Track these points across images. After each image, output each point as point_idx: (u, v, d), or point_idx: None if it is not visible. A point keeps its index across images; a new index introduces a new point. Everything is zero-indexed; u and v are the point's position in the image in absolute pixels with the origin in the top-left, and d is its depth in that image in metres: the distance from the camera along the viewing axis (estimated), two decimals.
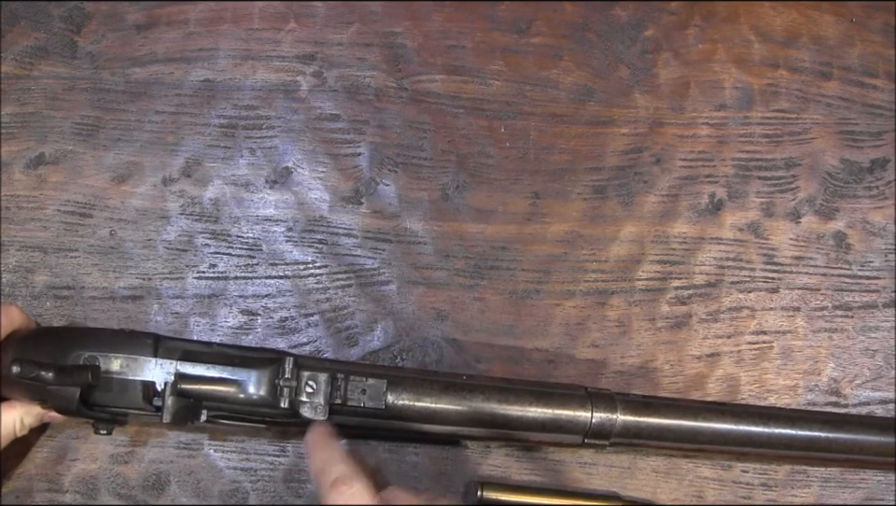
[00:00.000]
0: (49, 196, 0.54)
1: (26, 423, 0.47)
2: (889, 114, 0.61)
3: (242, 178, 0.56)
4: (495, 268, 0.56)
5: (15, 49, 0.56)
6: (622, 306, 0.56)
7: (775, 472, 0.55)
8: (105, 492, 0.51)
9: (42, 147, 0.55)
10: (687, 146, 0.59)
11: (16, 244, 0.53)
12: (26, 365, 0.42)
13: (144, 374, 0.44)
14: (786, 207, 0.59)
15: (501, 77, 0.58)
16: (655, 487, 0.54)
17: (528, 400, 0.48)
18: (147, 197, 0.55)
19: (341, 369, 0.47)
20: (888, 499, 0.55)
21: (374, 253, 0.55)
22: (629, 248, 0.57)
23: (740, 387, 0.56)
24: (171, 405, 0.44)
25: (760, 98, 0.60)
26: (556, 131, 0.58)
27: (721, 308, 0.57)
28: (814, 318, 0.57)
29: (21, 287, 0.53)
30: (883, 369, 0.57)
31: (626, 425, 0.49)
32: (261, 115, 0.56)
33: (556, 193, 0.57)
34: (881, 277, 0.58)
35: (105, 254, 0.54)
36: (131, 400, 0.44)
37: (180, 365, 0.45)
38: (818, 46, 0.61)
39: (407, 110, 0.57)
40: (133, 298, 0.53)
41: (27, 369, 0.42)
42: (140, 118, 0.56)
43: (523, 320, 0.55)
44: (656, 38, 0.60)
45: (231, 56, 0.57)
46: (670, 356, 0.56)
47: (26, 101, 0.55)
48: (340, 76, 0.57)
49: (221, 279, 0.54)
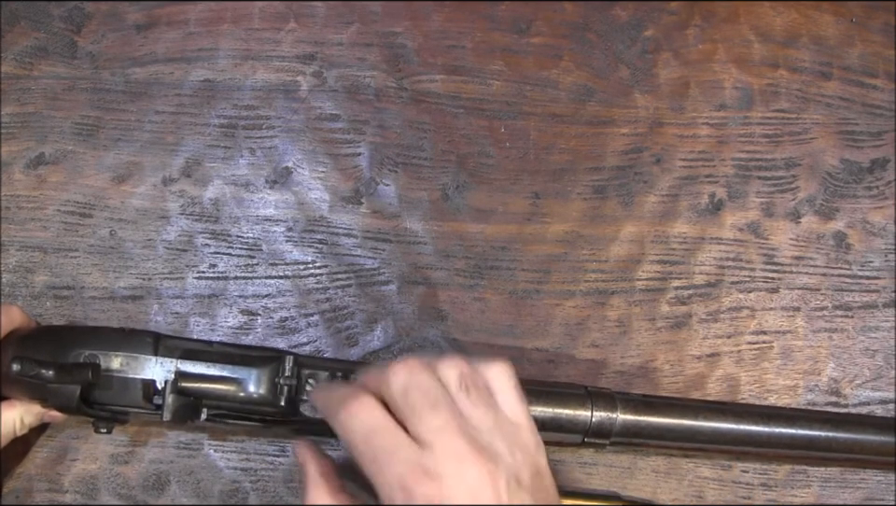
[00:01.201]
0: (49, 196, 0.54)
1: (26, 422, 0.46)
2: (889, 114, 0.61)
3: (242, 178, 0.56)
4: (495, 268, 0.56)
5: (15, 49, 0.56)
6: (622, 306, 0.56)
7: (775, 472, 0.55)
8: (105, 492, 0.51)
9: (42, 147, 0.55)
10: (687, 146, 0.59)
11: (16, 244, 0.53)
12: (26, 363, 0.42)
13: (144, 373, 0.44)
14: (786, 207, 0.59)
15: (501, 77, 0.59)
16: (655, 487, 0.54)
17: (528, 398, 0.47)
18: (147, 197, 0.55)
19: (341, 367, 0.47)
20: (888, 499, 0.55)
21: (374, 253, 0.55)
22: (629, 248, 0.57)
23: (740, 387, 0.56)
24: (171, 403, 0.44)
25: (760, 98, 0.60)
26: (556, 131, 0.58)
27: (721, 308, 0.57)
28: (814, 318, 0.57)
29: (21, 287, 0.53)
30: (883, 369, 0.57)
31: (626, 424, 0.49)
32: (261, 115, 0.56)
33: (556, 193, 0.57)
34: (881, 277, 0.58)
35: (105, 254, 0.54)
36: (131, 399, 0.44)
37: (180, 363, 0.45)
38: (818, 46, 0.61)
39: (407, 110, 0.57)
40: (132, 298, 0.53)
41: (27, 366, 0.42)
42: (140, 118, 0.56)
43: (523, 320, 0.55)
44: (656, 38, 0.60)
45: (231, 56, 0.57)
46: (670, 356, 0.56)
47: (26, 101, 0.55)
48: (340, 76, 0.57)
49: (221, 279, 0.54)
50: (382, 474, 0.37)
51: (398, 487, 0.36)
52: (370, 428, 0.38)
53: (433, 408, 0.37)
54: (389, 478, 0.36)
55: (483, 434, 0.38)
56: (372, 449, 0.37)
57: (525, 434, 0.40)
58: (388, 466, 0.37)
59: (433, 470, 0.36)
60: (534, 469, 0.39)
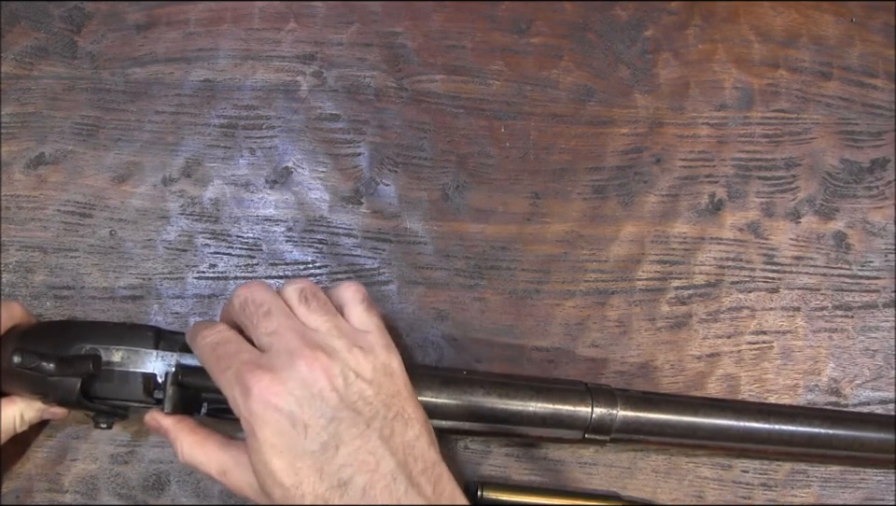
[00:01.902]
0: (49, 196, 0.54)
1: (26, 418, 0.46)
2: (889, 114, 0.61)
3: (242, 178, 0.56)
4: (495, 268, 0.56)
5: (15, 49, 0.56)
6: (622, 306, 0.56)
7: (775, 472, 0.55)
8: (105, 492, 0.51)
9: (42, 147, 0.55)
10: (687, 146, 0.59)
11: (16, 244, 0.53)
12: (27, 355, 0.42)
13: (145, 366, 0.44)
14: (786, 207, 0.59)
15: (501, 77, 0.59)
16: (655, 487, 0.54)
17: (529, 394, 0.48)
18: (147, 197, 0.55)
19: None
20: (888, 499, 0.55)
21: (374, 253, 0.55)
22: (629, 248, 0.57)
23: (740, 387, 0.56)
24: (172, 396, 0.44)
25: (760, 98, 0.60)
26: (556, 131, 0.58)
27: (721, 308, 0.57)
28: (814, 318, 0.57)
29: (21, 286, 0.53)
30: (883, 369, 0.57)
31: (626, 420, 0.49)
32: (261, 115, 0.56)
33: (556, 193, 0.57)
34: (881, 277, 0.58)
35: (105, 254, 0.54)
36: (131, 392, 0.44)
37: (181, 357, 0.45)
38: (818, 46, 0.62)
39: (407, 110, 0.57)
40: (132, 298, 0.53)
41: (28, 359, 0.42)
42: (140, 118, 0.56)
43: (523, 320, 0.55)
44: (656, 38, 0.60)
45: (231, 56, 0.57)
46: (670, 356, 0.56)
47: (26, 101, 0.55)
48: (340, 76, 0.57)
49: (221, 279, 0.54)
50: (224, 375, 0.40)
51: (235, 382, 0.39)
52: (216, 342, 0.42)
53: (266, 315, 0.41)
54: (229, 376, 0.40)
55: (319, 334, 0.41)
56: (217, 356, 0.41)
57: (370, 337, 0.42)
58: (228, 368, 0.40)
59: (267, 364, 0.39)
60: (379, 366, 0.41)
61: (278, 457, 0.38)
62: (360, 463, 0.38)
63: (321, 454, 0.38)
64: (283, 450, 0.38)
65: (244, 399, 0.39)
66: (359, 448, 0.38)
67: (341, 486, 0.38)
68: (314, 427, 0.38)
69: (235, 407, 0.39)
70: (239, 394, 0.39)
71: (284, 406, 0.38)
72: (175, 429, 0.44)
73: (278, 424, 0.38)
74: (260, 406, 0.38)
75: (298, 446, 0.38)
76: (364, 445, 0.38)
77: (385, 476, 0.38)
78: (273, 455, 0.38)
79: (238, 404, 0.39)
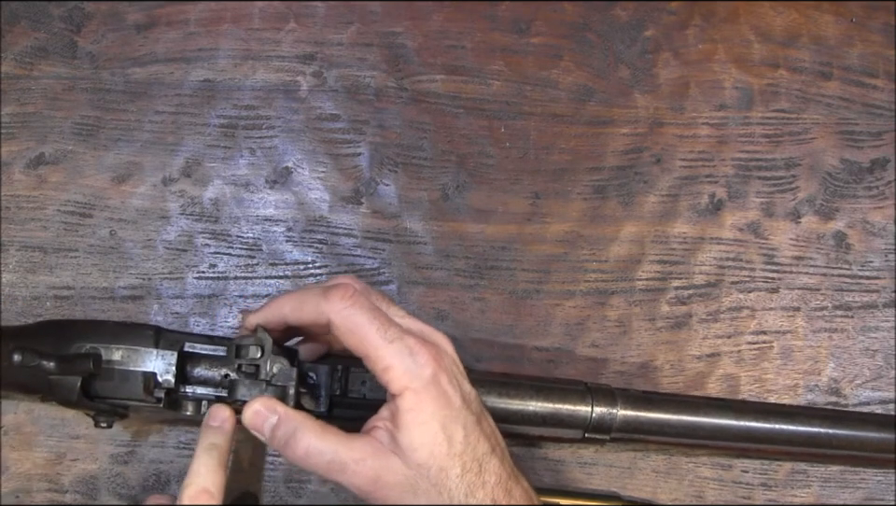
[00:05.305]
0: (49, 196, 0.54)
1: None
2: (889, 114, 0.61)
3: (242, 178, 0.56)
4: (495, 268, 0.56)
5: (15, 49, 0.56)
6: (622, 306, 0.56)
7: (775, 472, 0.55)
8: (105, 492, 0.51)
9: (42, 147, 0.55)
10: (687, 146, 0.59)
11: (16, 244, 0.53)
12: (27, 354, 0.42)
13: (145, 365, 0.44)
14: (786, 207, 0.59)
15: (501, 77, 0.59)
16: (655, 487, 0.54)
17: (529, 393, 0.48)
18: (147, 197, 0.55)
19: (341, 361, 0.47)
20: (888, 499, 0.55)
21: (374, 253, 0.55)
22: (629, 248, 0.57)
23: (740, 387, 0.56)
24: (296, 389, 0.43)
25: (760, 98, 0.60)
26: (556, 131, 0.58)
27: (721, 308, 0.57)
28: (814, 318, 0.57)
29: (21, 287, 0.53)
30: (883, 369, 0.57)
31: (627, 419, 0.49)
32: (261, 115, 0.56)
33: (556, 193, 0.57)
34: (881, 277, 0.58)
35: (105, 254, 0.54)
36: (132, 391, 0.44)
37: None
38: (818, 46, 0.61)
39: (407, 110, 0.57)
40: (132, 298, 0.53)
41: (28, 357, 0.42)
42: (140, 118, 0.56)
43: (523, 320, 0.55)
44: (656, 38, 0.60)
45: (231, 56, 0.57)
46: (670, 356, 0.56)
47: (26, 101, 0.55)
48: (340, 76, 0.57)
49: (221, 279, 0.54)
50: (392, 345, 0.40)
51: (408, 353, 0.40)
52: (371, 307, 0.42)
53: (389, 306, 0.43)
54: (399, 346, 0.40)
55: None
56: (379, 324, 0.41)
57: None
58: (399, 338, 0.40)
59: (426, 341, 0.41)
60: None
61: (454, 423, 0.39)
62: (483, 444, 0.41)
63: (474, 427, 0.40)
64: (454, 419, 0.40)
65: (420, 369, 0.39)
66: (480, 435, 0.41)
67: (480, 466, 0.40)
68: (468, 401, 0.41)
69: (399, 379, 0.39)
70: (414, 364, 0.39)
71: (451, 381, 0.40)
72: (298, 418, 0.41)
73: (453, 398, 0.40)
74: (439, 378, 0.40)
75: (464, 418, 0.40)
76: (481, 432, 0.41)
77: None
78: (450, 421, 0.39)
79: (412, 373, 0.39)
